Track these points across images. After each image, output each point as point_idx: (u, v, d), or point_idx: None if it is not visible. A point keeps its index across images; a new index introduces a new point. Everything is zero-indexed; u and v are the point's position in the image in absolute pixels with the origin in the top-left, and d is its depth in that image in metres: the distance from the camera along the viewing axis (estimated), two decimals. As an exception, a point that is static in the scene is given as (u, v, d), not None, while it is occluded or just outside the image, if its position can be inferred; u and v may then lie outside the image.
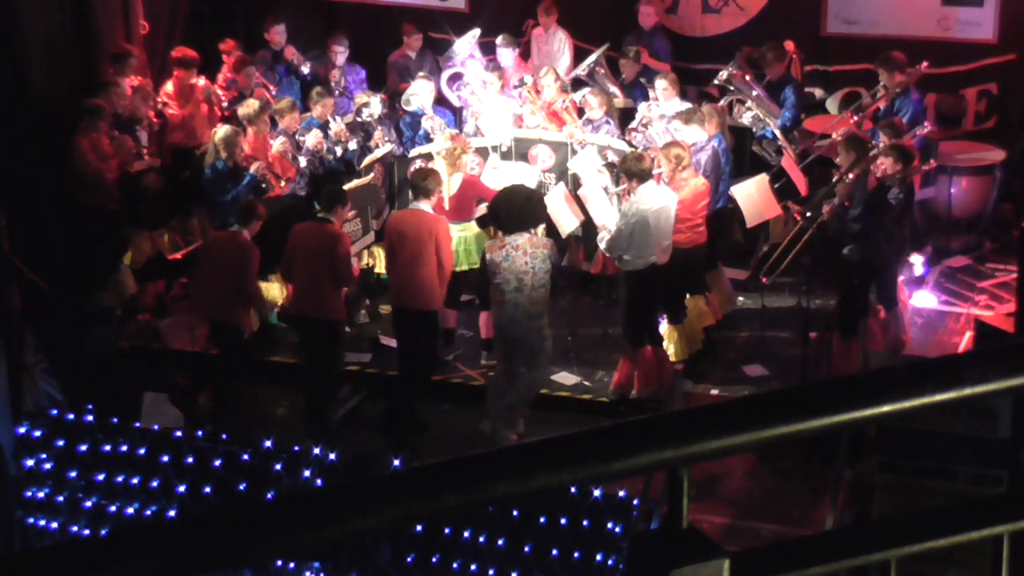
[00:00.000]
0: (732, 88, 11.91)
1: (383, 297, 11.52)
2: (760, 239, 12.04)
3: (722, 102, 11.82)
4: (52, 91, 11.90)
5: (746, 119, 11.88)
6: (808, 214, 10.20)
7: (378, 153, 11.57)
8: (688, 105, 11.37)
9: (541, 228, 10.21)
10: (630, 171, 9.98)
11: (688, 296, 10.64)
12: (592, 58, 12.39)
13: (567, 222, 10.76)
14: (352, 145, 11.55)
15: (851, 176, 9.99)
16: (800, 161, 11.53)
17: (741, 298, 11.68)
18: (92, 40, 12.39)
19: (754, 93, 11.87)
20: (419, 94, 11.76)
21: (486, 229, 10.53)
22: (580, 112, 11.76)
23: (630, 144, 11.23)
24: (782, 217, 11.27)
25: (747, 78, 11.96)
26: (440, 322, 10.55)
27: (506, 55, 12.74)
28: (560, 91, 11.95)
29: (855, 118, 11.69)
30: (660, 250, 9.92)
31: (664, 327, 10.40)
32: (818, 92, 13.53)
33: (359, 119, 11.78)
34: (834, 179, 10.31)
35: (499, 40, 12.81)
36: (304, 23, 13.92)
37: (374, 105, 11.74)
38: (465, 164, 10.66)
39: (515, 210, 9.55)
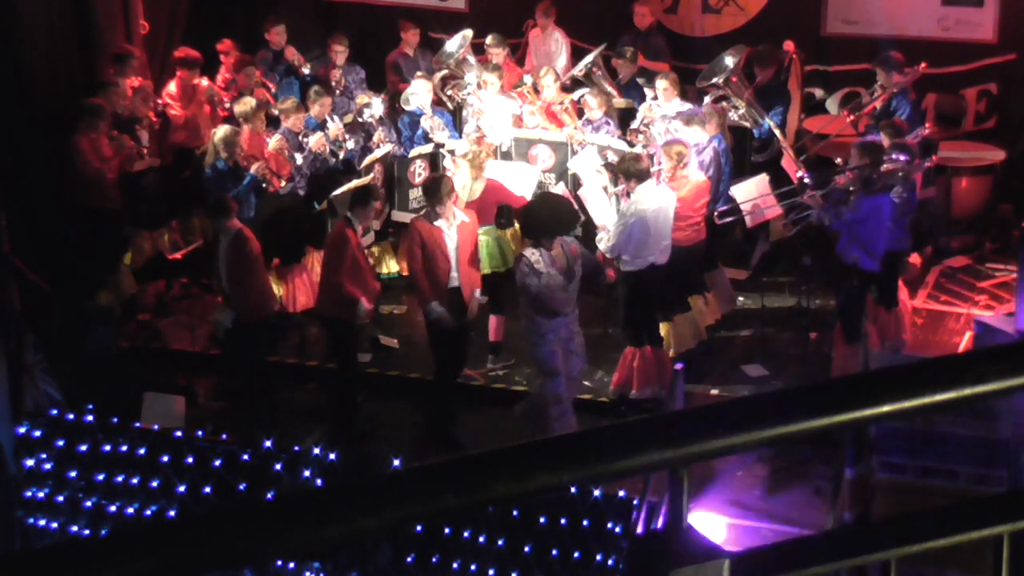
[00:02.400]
0: (724, 90, 11.89)
1: (383, 297, 11.52)
2: (760, 239, 12.05)
3: (708, 98, 11.79)
4: (52, 91, 11.89)
5: (733, 116, 11.87)
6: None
7: (378, 153, 11.56)
8: (689, 106, 11.37)
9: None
10: (628, 171, 9.99)
11: (690, 296, 10.65)
12: (588, 59, 12.37)
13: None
14: (351, 145, 11.54)
15: (848, 175, 9.99)
16: (797, 160, 11.51)
17: (741, 298, 11.68)
18: (92, 40, 12.39)
19: (745, 96, 11.87)
20: (417, 93, 11.75)
21: (503, 231, 10.57)
22: (579, 112, 11.76)
23: (630, 144, 11.22)
24: (782, 216, 11.27)
25: (740, 82, 11.95)
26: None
27: (496, 55, 12.73)
28: (560, 91, 11.95)
29: (851, 118, 11.69)
30: (659, 250, 9.92)
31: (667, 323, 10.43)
32: (818, 92, 13.53)
33: (360, 119, 11.77)
34: (835, 172, 10.32)
35: (488, 40, 12.80)
36: (304, 23, 13.92)
37: (376, 106, 11.73)
38: (486, 167, 10.67)
39: (543, 220, 9.45)
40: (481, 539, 8.15)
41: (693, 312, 10.65)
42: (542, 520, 8.06)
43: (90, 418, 9.08)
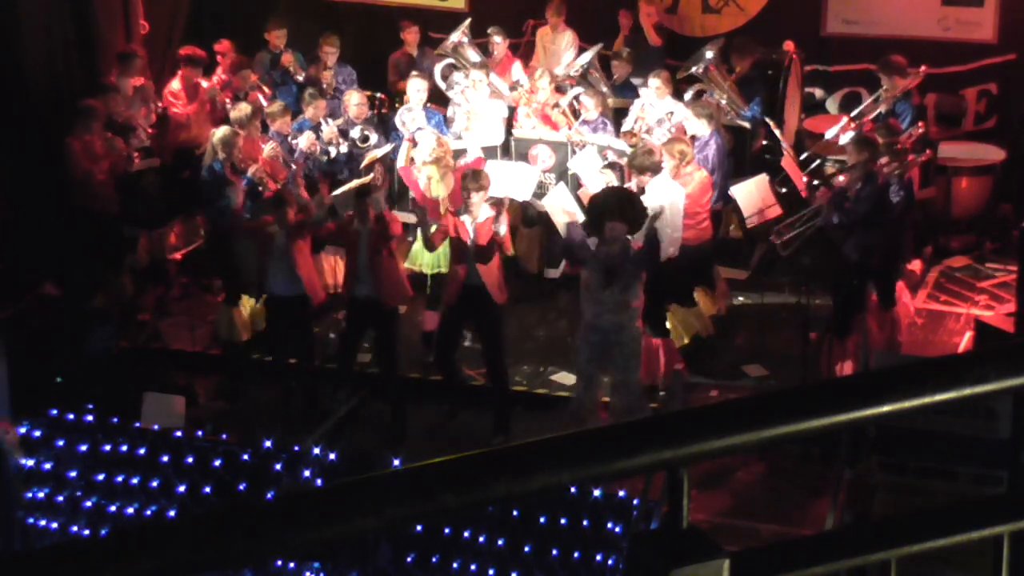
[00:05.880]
0: (702, 80, 11.86)
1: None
2: (760, 239, 12.04)
3: (689, 93, 11.78)
4: (52, 91, 11.89)
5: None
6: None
7: (378, 153, 11.52)
8: (681, 104, 11.37)
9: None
10: (642, 166, 9.96)
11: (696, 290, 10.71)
12: (586, 58, 12.35)
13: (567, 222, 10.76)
14: (343, 148, 11.48)
15: (845, 177, 10.01)
16: (798, 161, 11.51)
17: (741, 298, 11.69)
18: (92, 40, 12.39)
19: (725, 86, 11.86)
20: (414, 109, 11.65)
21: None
22: (575, 113, 11.73)
23: (631, 145, 11.20)
24: (782, 216, 11.27)
25: (719, 72, 11.92)
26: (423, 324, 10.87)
27: (499, 47, 12.73)
28: (555, 92, 11.92)
29: (854, 124, 11.67)
30: (671, 242, 9.92)
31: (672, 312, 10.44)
32: (818, 92, 13.52)
33: (355, 144, 11.60)
34: (835, 171, 10.35)
35: (490, 30, 12.81)
36: (304, 23, 13.91)
37: (372, 139, 11.59)
38: (452, 164, 10.64)
39: (595, 211, 9.34)
40: (481, 539, 8.15)
41: (700, 308, 10.68)
42: (542, 520, 8.06)
43: (90, 418, 9.08)
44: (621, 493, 8.09)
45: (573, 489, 7.66)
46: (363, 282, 9.81)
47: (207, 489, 8.64)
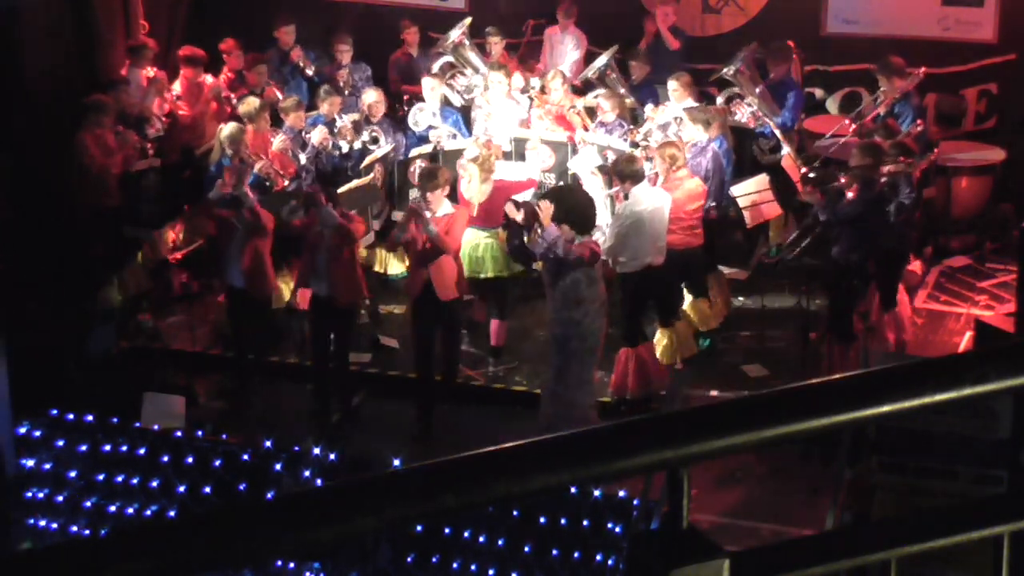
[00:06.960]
0: (735, 83, 11.87)
1: (384, 297, 11.55)
2: (760, 239, 12.04)
3: (720, 98, 11.77)
4: (52, 91, 11.89)
5: (744, 115, 11.83)
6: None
7: (378, 153, 11.53)
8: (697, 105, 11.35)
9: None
10: (622, 173, 9.99)
11: (692, 299, 10.64)
12: (602, 61, 12.32)
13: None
14: (357, 144, 11.49)
15: (845, 178, 10.01)
16: (804, 163, 11.49)
17: (741, 298, 11.68)
18: (92, 40, 12.39)
19: (757, 90, 11.84)
20: (425, 107, 11.67)
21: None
22: (591, 114, 11.69)
23: (634, 145, 11.16)
24: (782, 217, 11.27)
25: (750, 75, 11.92)
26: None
27: (496, 47, 12.74)
28: (567, 94, 11.89)
29: (854, 125, 11.65)
30: (655, 251, 9.91)
31: (656, 330, 10.40)
32: (818, 92, 13.51)
33: (365, 146, 11.60)
34: (837, 171, 10.35)
35: (488, 29, 12.81)
36: (304, 23, 13.90)
37: (381, 141, 11.61)
38: (495, 169, 10.65)
39: (579, 211, 9.52)
40: (481, 539, 8.16)
41: (693, 315, 10.65)
42: (542, 520, 8.06)
43: (90, 418, 9.08)
44: (621, 493, 8.09)
45: (573, 489, 7.66)
46: (321, 280, 9.87)
47: (207, 489, 8.65)
